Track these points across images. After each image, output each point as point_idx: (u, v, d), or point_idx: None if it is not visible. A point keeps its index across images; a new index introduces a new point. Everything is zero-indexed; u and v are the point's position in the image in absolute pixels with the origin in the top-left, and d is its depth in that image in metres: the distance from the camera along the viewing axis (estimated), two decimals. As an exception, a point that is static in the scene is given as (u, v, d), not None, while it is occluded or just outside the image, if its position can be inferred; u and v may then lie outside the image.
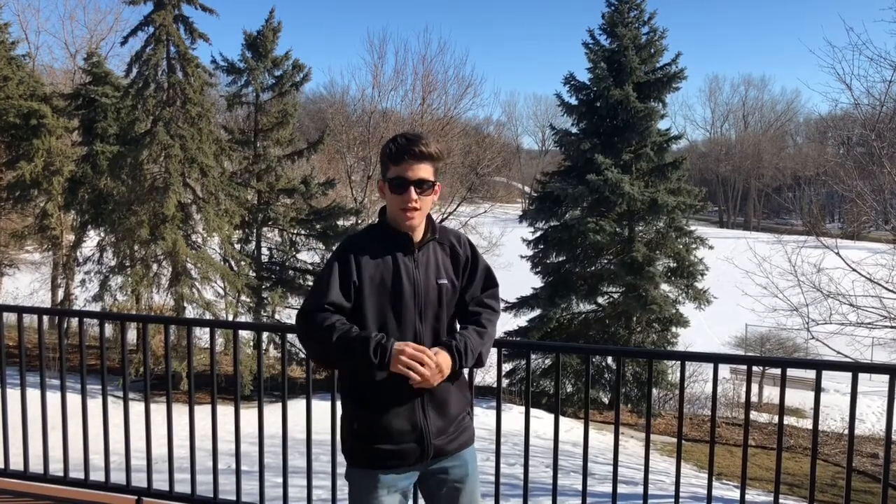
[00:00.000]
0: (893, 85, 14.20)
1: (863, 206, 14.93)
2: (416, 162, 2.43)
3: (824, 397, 18.92)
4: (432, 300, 2.51)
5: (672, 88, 20.71)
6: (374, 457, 2.49)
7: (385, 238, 2.51)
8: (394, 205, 2.48)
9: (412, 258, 2.50)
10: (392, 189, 2.45)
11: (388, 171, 2.46)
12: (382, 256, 2.47)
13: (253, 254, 19.60)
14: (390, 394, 2.44)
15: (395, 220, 2.50)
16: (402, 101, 27.24)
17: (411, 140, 2.44)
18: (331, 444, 3.89)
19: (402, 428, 2.47)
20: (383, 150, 2.49)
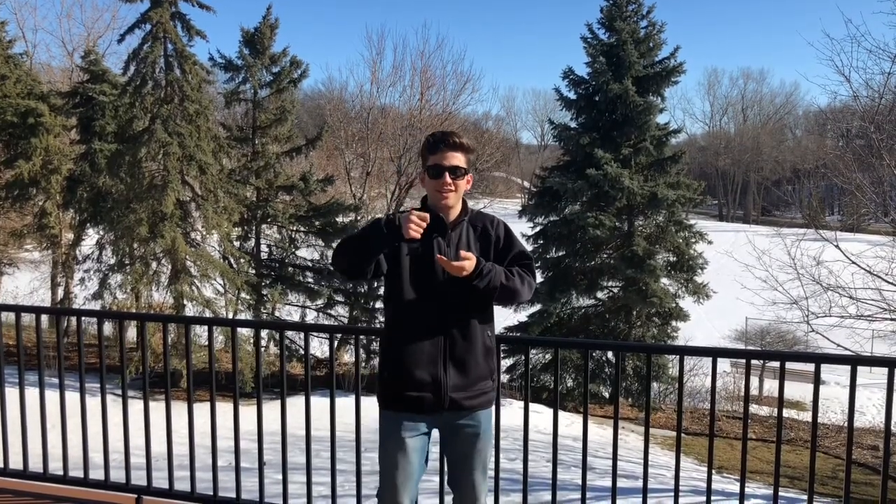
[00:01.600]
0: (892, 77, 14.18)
1: (862, 198, 14.91)
2: (451, 151, 2.84)
3: (825, 390, 18.95)
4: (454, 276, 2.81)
5: (671, 82, 20.70)
6: (397, 401, 2.89)
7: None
8: (431, 189, 2.88)
9: (446, 239, 2.89)
10: (430, 175, 2.86)
11: (427, 161, 2.88)
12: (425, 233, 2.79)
13: (252, 251, 19.59)
14: (416, 349, 2.85)
15: (434, 204, 2.90)
16: (400, 96, 27.23)
17: (446, 133, 2.90)
18: (330, 441, 3.89)
19: (423, 379, 2.85)
20: (423, 144, 2.91)
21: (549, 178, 21.08)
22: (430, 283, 2.84)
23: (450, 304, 2.85)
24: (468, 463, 2.97)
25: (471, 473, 2.98)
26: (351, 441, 3.86)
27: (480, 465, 2.99)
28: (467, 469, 2.98)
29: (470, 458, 2.97)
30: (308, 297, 19.70)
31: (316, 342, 18.31)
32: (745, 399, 3.53)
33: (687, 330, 20.31)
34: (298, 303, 20.10)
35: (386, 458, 2.93)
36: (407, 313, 2.88)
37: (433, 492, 3.95)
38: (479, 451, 2.97)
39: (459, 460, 3.00)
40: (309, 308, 20.09)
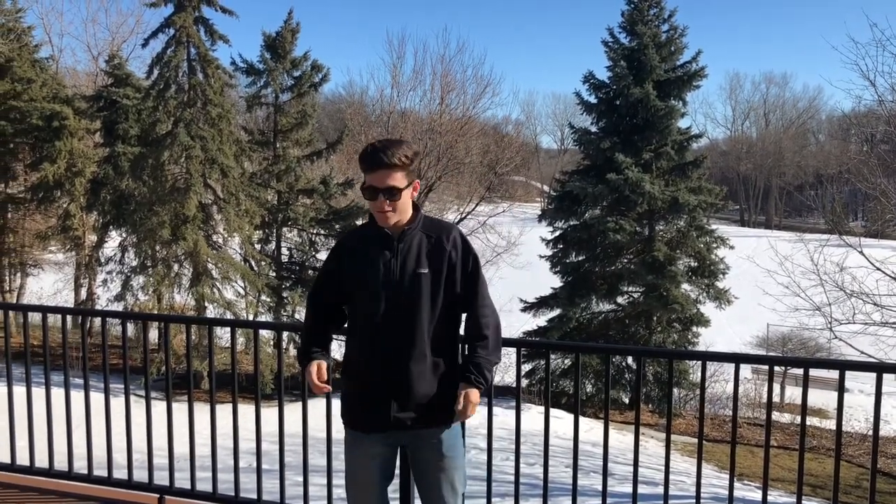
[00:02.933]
0: (918, 81, 14.03)
1: (887, 203, 14.75)
2: (385, 170, 2.63)
3: (848, 398, 18.69)
4: (415, 289, 2.73)
5: (692, 86, 20.57)
6: (349, 418, 2.89)
7: (368, 235, 2.81)
8: (371, 208, 2.75)
9: (391, 250, 2.75)
10: (365, 196, 2.72)
11: (364, 179, 2.71)
12: (364, 253, 2.78)
13: (273, 254, 19.71)
14: (365, 368, 2.80)
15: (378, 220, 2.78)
16: (420, 101, 27.28)
17: (378, 150, 2.64)
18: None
19: (371, 398, 2.78)
20: (359, 155, 2.73)
21: (569, 182, 21.01)
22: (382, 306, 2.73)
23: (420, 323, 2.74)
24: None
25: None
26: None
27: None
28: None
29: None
30: (327, 300, 19.78)
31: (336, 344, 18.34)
32: (768, 406, 3.50)
33: (708, 336, 20.16)
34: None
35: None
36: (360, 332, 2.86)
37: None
38: (441, 470, 2.90)
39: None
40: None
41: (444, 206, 26.66)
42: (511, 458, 3.72)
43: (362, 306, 2.78)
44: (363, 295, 2.76)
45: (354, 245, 2.85)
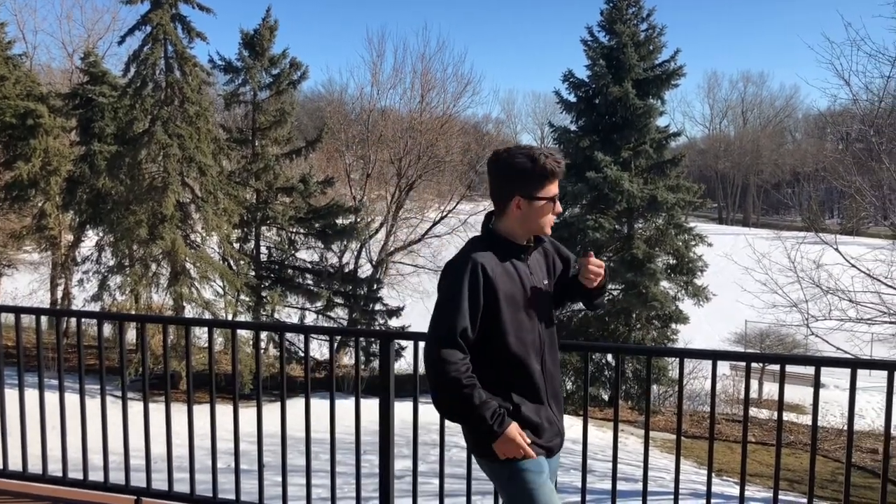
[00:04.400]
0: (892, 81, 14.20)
1: (862, 201, 14.91)
2: (559, 180, 2.64)
3: (824, 393, 18.91)
4: (545, 301, 2.67)
5: (671, 85, 20.71)
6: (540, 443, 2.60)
7: (506, 251, 2.59)
8: (539, 219, 2.59)
9: (527, 265, 2.63)
10: (543, 209, 2.59)
11: (540, 190, 2.56)
12: (508, 272, 2.56)
13: (252, 253, 19.60)
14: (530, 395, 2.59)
15: (532, 232, 2.63)
16: (400, 99, 27.21)
17: (558, 158, 2.60)
18: (330, 443, 3.89)
19: (547, 424, 2.62)
20: (533, 166, 2.54)
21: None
22: (530, 326, 2.59)
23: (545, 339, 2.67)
24: None
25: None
26: (350, 443, 3.85)
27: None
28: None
29: None
30: (307, 300, 19.71)
31: (315, 344, 18.32)
32: (745, 402, 3.53)
33: (686, 332, 20.31)
34: (298, 305, 20.10)
35: None
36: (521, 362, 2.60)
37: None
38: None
39: None
40: (308, 310, 20.09)
41: (424, 204, 26.62)
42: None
43: (518, 335, 2.55)
44: (516, 318, 2.55)
45: (494, 262, 2.54)
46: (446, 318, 2.46)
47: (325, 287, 19.45)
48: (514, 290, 2.54)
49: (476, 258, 2.50)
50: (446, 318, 2.46)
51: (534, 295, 2.59)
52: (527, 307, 2.57)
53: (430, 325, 2.52)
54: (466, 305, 2.45)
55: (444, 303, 2.50)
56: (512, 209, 2.57)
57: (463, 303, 2.45)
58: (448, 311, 2.46)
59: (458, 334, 2.43)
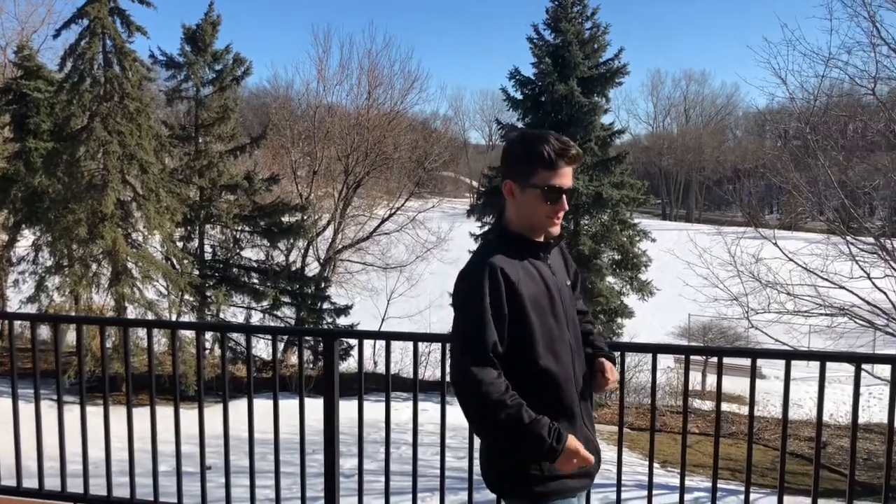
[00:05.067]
0: (826, 80, 14.64)
1: (799, 197, 15.36)
2: (570, 166, 2.30)
3: (766, 384, 19.47)
4: (570, 304, 2.42)
5: (615, 83, 20.99)
6: (566, 484, 2.32)
7: (524, 251, 2.32)
8: (540, 212, 2.30)
9: (547, 264, 2.37)
10: (546, 197, 2.27)
11: (536, 177, 2.26)
12: (530, 273, 2.29)
13: (196, 252, 19.25)
14: (564, 414, 2.31)
15: (533, 227, 2.34)
16: (347, 95, 27.06)
17: (565, 142, 2.27)
18: (274, 444, 3.84)
19: (583, 443, 2.27)
20: (530, 151, 2.28)
21: (497, 177, 21.19)
22: (559, 330, 2.32)
23: (573, 342, 2.39)
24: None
25: None
26: (297, 443, 3.81)
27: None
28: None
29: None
30: (253, 299, 19.45)
31: (263, 343, 18.08)
32: (685, 394, 3.60)
33: (632, 327, 20.65)
34: (243, 304, 19.82)
35: None
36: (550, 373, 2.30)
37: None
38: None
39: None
40: (254, 309, 19.83)
41: (373, 201, 26.52)
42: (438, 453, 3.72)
43: (548, 341, 2.29)
44: (544, 323, 2.28)
45: (514, 264, 2.27)
46: (472, 334, 2.18)
47: (271, 286, 19.23)
48: (539, 294, 2.28)
49: (492, 262, 2.21)
50: (472, 334, 2.18)
51: (560, 297, 2.35)
52: (554, 312, 2.30)
53: (455, 347, 2.24)
54: (490, 316, 2.16)
55: (466, 317, 2.21)
56: (507, 196, 2.35)
57: (487, 314, 2.16)
58: (472, 327, 2.18)
59: (489, 350, 2.15)
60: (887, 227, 16.32)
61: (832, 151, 15.05)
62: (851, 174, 15.90)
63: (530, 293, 2.24)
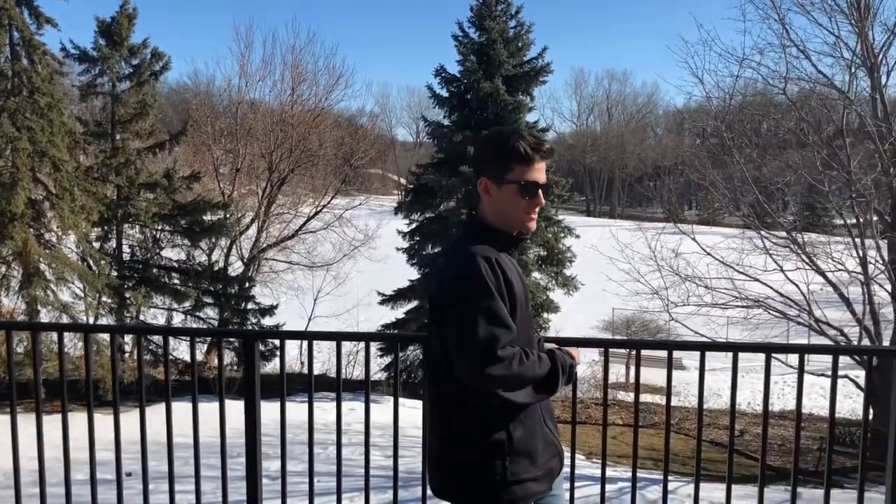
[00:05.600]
0: (740, 79, 15.19)
1: (716, 193, 15.86)
2: (543, 162, 2.32)
3: (687, 375, 20.05)
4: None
5: (539, 82, 21.25)
6: (529, 487, 2.30)
7: (504, 245, 2.34)
8: (517, 208, 2.30)
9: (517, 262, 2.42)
10: (523, 193, 2.28)
11: (512, 173, 2.27)
12: (513, 265, 2.34)
13: (113, 252, 18.61)
14: (525, 414, 2.28)
15: (510, 223, 2.33)
16: (270, 91, 26.68)
17: (538, 138, 2.30)
18: (193, 447, 3.74)
19: (542, 446, 2.34)
20: (504, 147, 2.28)
21: (424, 175, 21.22)
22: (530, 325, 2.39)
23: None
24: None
25: None
26: (219, 447, 3.72)
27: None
28: None
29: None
30: (174, 300, 18.92)
31: (185, 345, 17.63)
32: (605, 386, 3.68)
33: (557, 321, 20.98)
34: (164, 305, 19.27)
35: None
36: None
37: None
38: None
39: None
40: (176, 311, 19.31)
41: (298, 199, 26.18)
42: (377, 453, 3.69)
43: (527, 334, 2.32)
44: (524, 316, 2.29)
45: (502, 257, 2.27)
46: (487, 325, 2.09)
47: (192, 286, 18.75)
48: (521, 287, 2.31)
49: (485, 253, 2.20)
50: (487, 325, 2.09)
51: (527, 293, 2.37)
52: (527, 306, 2.33)
53: (467, 346, 2.10)
54: (499, 302, 2.13)
55: (475, 310, 2.10)
56: (482, 194, 2.34)
57: (497, 301, 2.12)
58: (488, 316, 2.10)
59: (512, 334, 2.12)
60: (798, 221, 17.02)
61: (747, 149, 15.61)
62: (765, 171, 16.50)
63: (517, 286, 2.26)
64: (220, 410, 3.68)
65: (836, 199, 15.50)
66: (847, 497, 3.34)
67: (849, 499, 3.28)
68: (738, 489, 7.54)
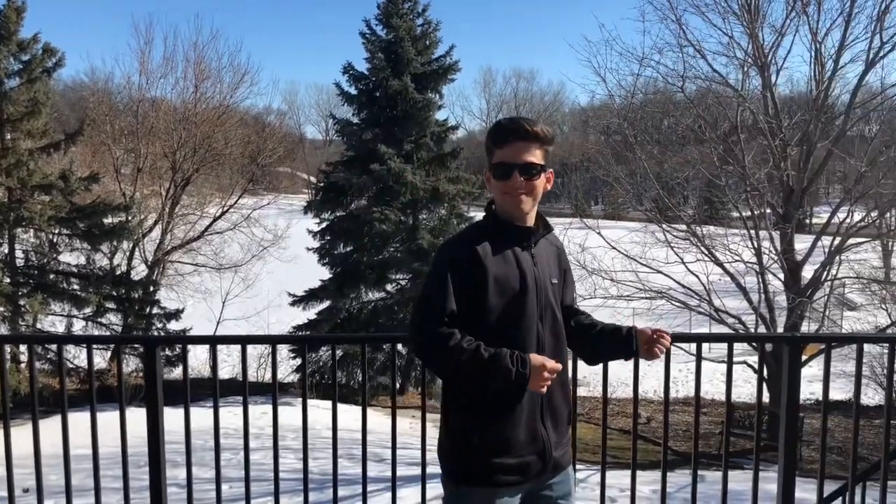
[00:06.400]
0: (640, 78, 15.68)
1: (619, 189, 16.36)
2: (524, 143, 2.27)
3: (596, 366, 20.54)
4: (551, 301, 2.36)
5: (448, 80, 21.35)
6: (496, 472, 2.28)
7: (501, 232, 2.31)
8: (499, 191, 2.31)
9: (530, 254, 2.34)
10: (496, 175, 2.29)
11: (492, 156, 2.31)
12: (503, 253, 2.27)
13: (5, 258, 17.65)
14: (511, 401, 2.25)
15: (505, 210, 2.33)
16: (173, 89, 25.70)
17: (516, 120, 2.31)
18: (93, 458, 3.59)
19: (525, 439, 2.30)
20: (488, 133, 2.34)
21: (334, 173, 21.04)
22: (524, 319, 2.28)
23: (546, 341, 2.32)
24: None
25: None
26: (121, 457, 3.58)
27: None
28: None
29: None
30: (74, 306, 18.11)
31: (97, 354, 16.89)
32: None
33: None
34: (63, 312, 18.41)
35: None
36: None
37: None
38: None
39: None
40: (76, 317, 18.48)
41: (204, 199, 25.45)
42: (288, 456, 3.62)
43: (507, 324, 2.26)
44: (506, 305, 2.25)
45: (486, 242, 2.26)
46: (430, 301, 2.21)
47: (93, 292, 17.99)
48: (509, 276, 2.26)
49: (466, 234, 2.33)
50: (430, 301, 2.21)
51: (537, 288, 2.31)
52: (521, 299, 2.27)
53: (417, 307, 2.28)
54: (450, 285, 2.19)
55: (432, 282, 2.24)
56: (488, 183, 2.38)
57: (447, 282, 2.19)
58: (431, 295, 2.22)
59: (445, 314, 2.17)
60: (698, 215, 17.72)
61: (649, 145, 16.16)
62: (666, 166, 17.11)
63: (498, 272, 2.23)
64: (121, 419, 3.55)
65: (732, 193, 16.26)
66: (746, 477, 3.50)
67: (747, 479, 3.44)
68: (646, 475, 7.79)
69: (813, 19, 14.29)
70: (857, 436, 3.54)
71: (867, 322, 19.30)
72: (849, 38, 14.11)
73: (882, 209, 16.26)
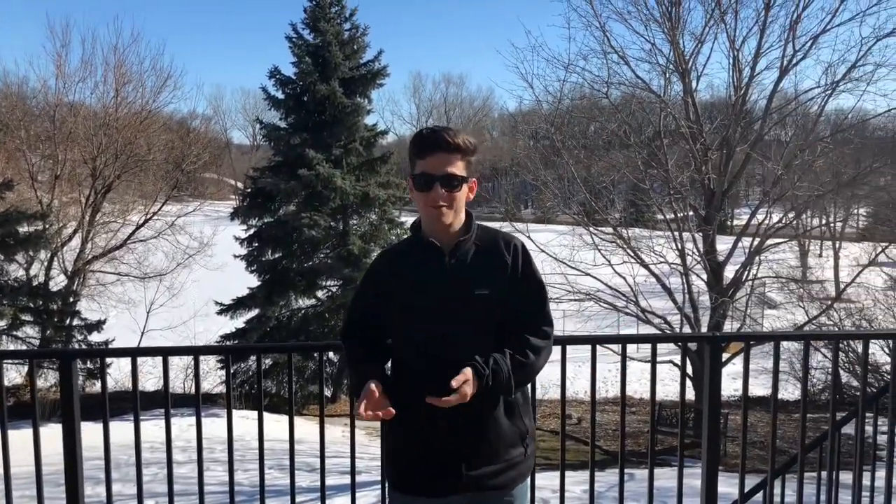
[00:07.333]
0: (567, 84, 15.95)
1: (548, 193, 16.57)
2: (444, 154, 2.23)
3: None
4: (471, 312, 2.26)
5: (376, 84, 21.29)
6: (406, 480, 2.36)
7: (414, 249, 2.36)
8: (420, 203, 2.28)
9: (443, 268, 2.29)
10: (417, 187, 2.26)
11: (414, 167, 2.28)
12: (410, 270, 2.32)
13: (-88, 270, 16.76)
14: (426, 412, 2.15)
15: (426, 223, 2.33)
16: (92, 93, 24.83)
17: (437, 130, 2.25)
18: (4, 478, 3.43)
19: (434, 451, 2.28)
20: (410, 144, 2.30)
21: (262, 178, 20.71)
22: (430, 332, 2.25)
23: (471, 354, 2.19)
24: None
25: None
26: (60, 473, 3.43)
27: None
28: None
29: None
30: (-12, 319, 17.31)
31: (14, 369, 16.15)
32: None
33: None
34: (-26, 327, 17.56)
35: None
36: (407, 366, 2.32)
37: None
38: None
39: None
40: (-10, 331, 17.65)
41: (126, 206, 24.69)
42: (215, 468, 3.52)
43: (412, 339, 2.29)
44: (412, 325, 2.28)
45: (398, 259, 2.38)
46: (349, 306, 2.54)
47: (8, 304, 17.22)
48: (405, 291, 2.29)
49: (392, 248, 2.50)
50: (349, 306, 2.54)
51: (439, 296, 2.26)
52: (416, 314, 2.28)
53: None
54: (360, 295, 2.49)
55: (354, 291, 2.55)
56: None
57: (358, 292, 2.50)
58: (352, 300, 2.55)
59: (349, 322, 2.48)
60: (624, 217, 18.07)
61: (576, 150, 16.44)
62: (593, 171, 17.44)
63: (397, 287, 2.32)
64: (35, 435, 3.40)
65: (656, 196, 16.66)
66: (672, 474, 3.57)
67: (673, 475, 3.51)
68: (577, 475, 7.90)
69: (731, 27, 14.82)
70: (775, 430, 3.66)
71: (786, 320, 20.03)
72: (764, 45, 14.70)
73: (798, 210, 16.94)
